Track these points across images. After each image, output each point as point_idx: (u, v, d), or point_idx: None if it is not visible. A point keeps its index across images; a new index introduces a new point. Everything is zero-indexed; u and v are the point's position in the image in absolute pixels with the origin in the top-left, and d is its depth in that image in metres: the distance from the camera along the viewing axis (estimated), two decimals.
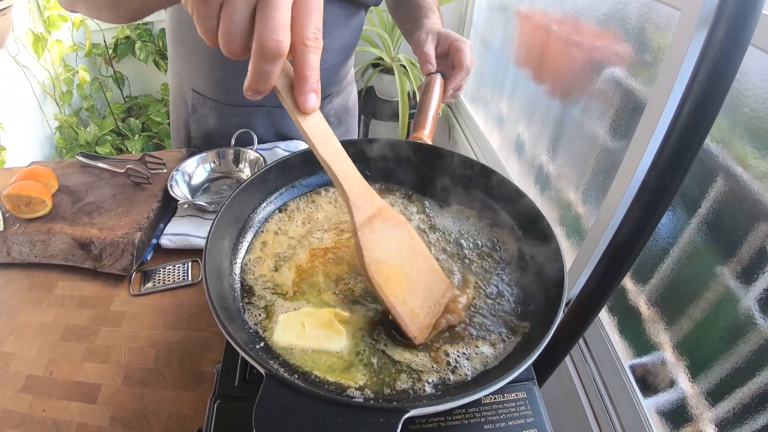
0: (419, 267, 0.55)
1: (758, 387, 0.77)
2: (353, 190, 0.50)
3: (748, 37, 0.46)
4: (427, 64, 0.90)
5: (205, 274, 0.52)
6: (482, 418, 0.51)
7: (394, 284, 0.52)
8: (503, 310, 0.59)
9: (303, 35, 0.40)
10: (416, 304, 0.53)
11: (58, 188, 0.95)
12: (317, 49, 0.41)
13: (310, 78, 0.42)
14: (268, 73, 0.39)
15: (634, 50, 1.09)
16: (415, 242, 0.56)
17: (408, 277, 0.54)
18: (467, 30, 2.41)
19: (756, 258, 0.79)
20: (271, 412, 0.39)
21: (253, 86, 0.40)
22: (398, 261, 0.53)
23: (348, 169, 0.49)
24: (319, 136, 0.46)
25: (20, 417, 0.65)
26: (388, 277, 0.51)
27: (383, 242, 0.52)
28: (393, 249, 0.53)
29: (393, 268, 0.52)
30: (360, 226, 0.50)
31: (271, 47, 0.38)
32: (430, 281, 0.56)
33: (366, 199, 0.51)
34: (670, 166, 0.53)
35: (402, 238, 0.54)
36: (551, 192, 1.53)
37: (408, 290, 0.53)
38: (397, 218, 0.54)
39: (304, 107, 0.43)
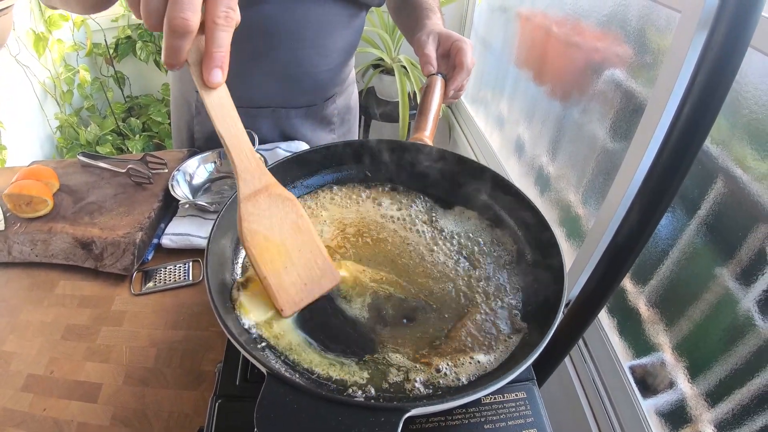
0: (301, 245, 0.57)
1: (757, 388, 0.77)
2: (242, 164, 0.52)
3: (747, 39, 0.47)
4: (428, 65, 0.90)
5: (206, 274, 0.52)
6: (482, 418, 0.51)
7: (269, 256, 0.54)
8: (503, 310, 0.59)
9: (213, 14, 0.43)
10: (290, 280, 0.56)
11: (59, 188, 0.95)
12: (227, 27, 0.44)
13: (216, 54, 0.45)
14: (178, 48, 0.42)
15: (634, 52, 1.09)
16: (302, 221, 0.58)
17: (287, 252, 0.56)
18: (468, 31, 2.41)
19: (755, 259, 0.79)
20: (273, 411, 0.39)
21: (166, 59, 0.43)
22: (279, 236, 0.56)
23: (242, 144, 0.52)
24: (220, 110, 0.50)
25: (21, 416, 0.65)
26: (264, 249, 0.54)
27: (266, 216, 0.55)
28: (275, 224, 0.55)
29: (271, 242, 0.55)
30: (243, 198, 0.53)
31: (178, 24, 0.40)
32: (311, 261, 0.58)
33: (253, 174, 0.53)
34: (669, 167, 0.53)
35: (287, 215, 0.56)
36: (551, 193, 1.53)
37: (284, 265, 0.55)
38: (285, 196, 0.56)
39: (209, 82, 0.47)
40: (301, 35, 0.98)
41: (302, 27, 0.97)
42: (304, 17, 0.96)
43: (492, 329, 0.57)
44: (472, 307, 0.59)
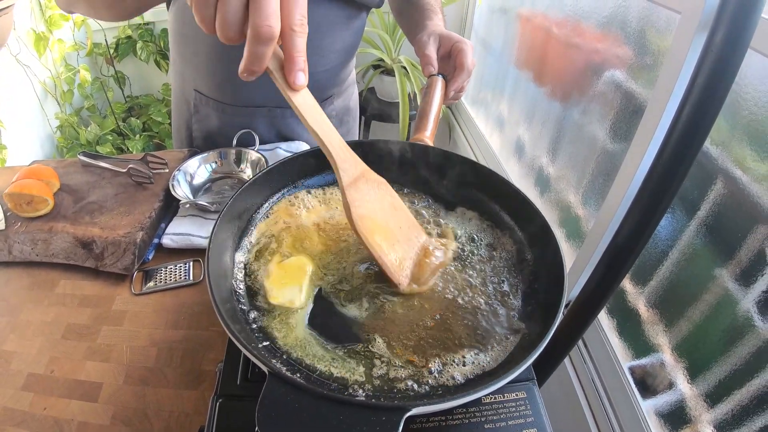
0: (400, 222, 0.62)
1: (757, 389, 0.78)
2: (339, 156, 0.56)
3: (747, 41, 0.47)
4: (429, 66, 0.90)
5: (207, 274, 0.52)
6: (482, 418, 0.51)
7: (379, 237, 0.58)
8: (503, 310, 0.59)
9: (291, 21, 0.46)
10: (400, 255, 0.60)
11: (59, 187, 0.95)
12: (303, 34, 0.48)
13: (298, 59, 0.49)
14: (262, 54, 0.45)
15: (634, 53, 1.10)
16: (396, 201, 0.62)
17: (391, 231, 0.60)
18: (468, 32, 2.42)
19: (755, 260, 0.79)
20: (274, 411, 0.40)
21: (248, 67, 0.45)
22: (382, 217, 0.59)
23: (334, 137, 0.56)
24: (309, 110, 0.53)
25: (21, 415, 0.65)
26: (373, 231, 0.57)
27: (368, 200, 0.58)
28: (377, 206, 0.59)
29: (377, 223, 0.58)
30: (347, 187, 0.56)
31: (264, 32, 0.43)
32: (412, 235, 0.63)
33: (351, 163, 0.57)
34: (669, 168, 0.53)
35: (384, 197, 0.61)
36: (551, 194, 1.54)
37: (391, 242, 0.59)
38: (379, 180, 0.61)
39: (294, 84, 0.50)
40: None
41: None
42: None
43: (492, 329, 0.57)
44: (472, 306, 0.59)
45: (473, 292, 0.61)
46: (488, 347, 0.55)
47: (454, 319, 0.58)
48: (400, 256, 0.60)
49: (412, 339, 0.55)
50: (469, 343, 0.55)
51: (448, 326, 0.57)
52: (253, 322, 0.55)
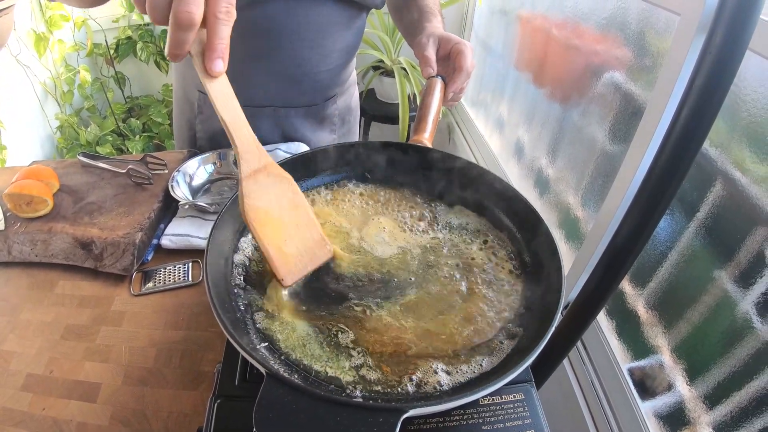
0: (298, 221, 0.62)
1: (755, 390, 0.77)
2: (243, 145, 0.56)
3: (746, 42, 0.47)
4: (428, 68, 0.90)
5: (206, 275, 0.53)
6: (480, 419, 0.51)
7: (270, 230, 0.59)
8: (501, 311, 0.59)
9: (215, 9, 0.46)
10: (290, 252, 0.60)
11: (59, 188, 0.95)
12: (227, 22, 0.48)
13: (218, 46, 0.49)
14: (182, 40, 0.46)
15: (633, 55, 1.10)
16: (298, 199, 0.62)
17: (286, 227, 0.60)
18: (468, 33, 2.42)
19: (754, 262, 0.79)
20: (272, 412, 0.40)
21: (170, 50, 0.47)
22: (278, 212, 0.60)
23: (242, 127, 0.57)
24: (222, 97, 0.54)
25: (20, 415, 0.65)
26: (264, 224, 0.58)
27: (265, 193, 0.59)
28: (274, 201, 0.60)
29: (272, 217, 0.59)
30: (245, 177, 0.57)
31: (183, 18, 0.44)
32: (308, 236, 0.62)
33: (253, 155, 0.58)
34: (668, 170, 0.53)
35: (284, 193, 0.61)
36: (550, 195, 1.54)
37: (284, 239, 0.60)
38: (282, 175, 0.60)
39: (211, 71, 0.51)
40: (302, 36, 0.98)
41: (303, 28, 0.97)
42: (304, 18, 0.96)
43: (490, 330, 0.57)
44: (470, 307, 0.59)
45: (471, 293, 0.61)
46: (485, 348, 0.55)
47: (453, 320, 0.57)
48: (291, 252, 0.60)
49: (408, 339, 0.56)
50: (467, 344, 0.55)
51: (447, 327, 0.57)
52: (251, 323, 0.55)
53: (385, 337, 0.55)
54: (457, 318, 0.58)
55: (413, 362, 0.53)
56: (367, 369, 0.51)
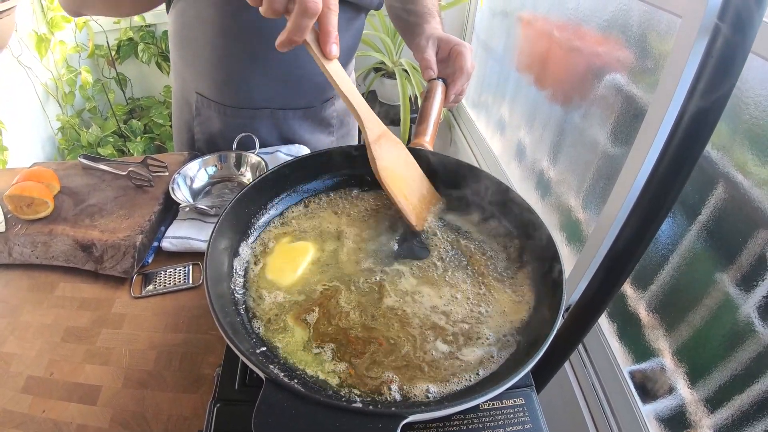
0: (414, 176, 0.73)
1: (757, 394, 0.77)
2: (365, 116, 0.66)
3: (748, 45, 0.47)
4: (429, 70, 0.90)
5: (206, 279, 0.52)
6: (480, 425, 0.51)
7: (398, 185, 0.68)
8: (502, 314, 0.59)
9: (328, 1, 0.54)
10: (414, 202, 0.71)
11: (59, 190, 0.95)
12: (336, 12, 0.56)
13: (332, 33, 0.57)
14: (305, 26, 0.53)
15: (635, 57, 1.09)
16: (410, 159, 0.73)
17: (407, 182, 0.71)
18: (469, 35, 2.42)
19: (755, 265, 0.79)
20: (271, 417, 0.39)
21: (291, 37, 0.54)
22: (400, 170, 0.70)
23: (361, 101, 0.66)
24: (340, 78, 0.62)
25: (20, 417, 0.65)
26: (394, 180, 0.68)
27: (388, 155, 0.68)
28: (395, 161, 0.70)
29: (397, 174, 0.69)
30: (372, 142, 0.66)
31: (311, 7, 0.51)
32: (423, 187, 0.74)
33: (374, 123, 0.67)
34: (670, 173, 0.53)
35: (400, 154, 0.72)
36: (552, 198, 1.53)
37: (408, 190, 0.70)
38: (396, 140, 0.71)
39: (329, 54, 0.59)
40: None
41: None
42: None
43: (490, 335, 0.57)
44: (471, 310, 0.59)
45: (472, 295, 0.61)
46: (486, 353, 0.54)
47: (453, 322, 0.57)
48: (414, 203, 0.70)
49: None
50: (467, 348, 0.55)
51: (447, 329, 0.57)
52: (250, 327, 0.55)
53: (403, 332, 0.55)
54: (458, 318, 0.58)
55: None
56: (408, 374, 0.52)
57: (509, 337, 0.57)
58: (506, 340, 0.56)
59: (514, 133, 1.90)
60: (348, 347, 0.54)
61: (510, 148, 1.94)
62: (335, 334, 0.55)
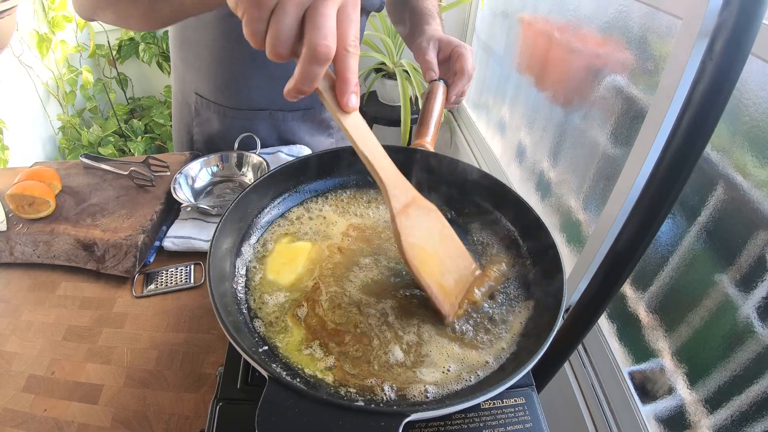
0: (450, 252, 0.59)
1: (756, 394, 0.77)
2: (390, 181, 0.54)
3: (748, 47, 0.47)
4: (430, 72, 0.91)
5: (209, 278, 0.53)
6: (481, 423, 0.51)
7: (428, 267, 0.56)
8: (503, 314, 0.59)
9: (345, 42, 0.44)
10: (449, 285, 0.58)
11: (61, 189, 0.96)
12: (356, 55, 0.45)
13: (351, 80, 0.46)
14: (315, 74, 0.43)
15: (635, 58, 1.10)
16: (446, 228, 0.60)
17: (441, 260, 0.58)
18: (470, 36, 2.42)
19: (755, 266, 0.79)
20: (274, 415, 0.40)
21: (298, 86, 0.43)
22: (432, 246, 0.57)
23: (385, 162, 0.53)
24: (359, 133, 0.51)
25: (22, 416, 0.65)
26: (423, 260, 0.55)
27: (418, 228, 0.56)
28: (426, 234, 0.57)
29: (428, 252, 0.56)
30: (397, 213, 0.54)
31: (321, 51, 0.41)
32: (461, 265, 0.60)
33: (401, 189, 0.55)
34: (670, 174, 0.53)
35: (434, 224, 0.58)
36: (552, 198, 1.54)
37: (441, 272, 0.57)
38: (429, 207, 0.58)
39: (346, 107, 0.48)
40: None
41: None
42: None
43: (491, 334, 0.57)
44: (470, 311, 0.59)
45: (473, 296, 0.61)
46: (487, 353, 0.55)
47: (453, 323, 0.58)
48: (450, 286, 0.58)
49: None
50: (468, 348, 0.55)
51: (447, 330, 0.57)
52: (253, 326, 0.56)
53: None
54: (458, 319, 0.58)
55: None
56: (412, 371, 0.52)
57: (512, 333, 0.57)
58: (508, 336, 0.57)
59: (514, 134, 1.90)
60: (334, 338, 0.55)
61: (510, 149, 1.94)
62: (321, 327, 0.56)
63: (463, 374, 0.52)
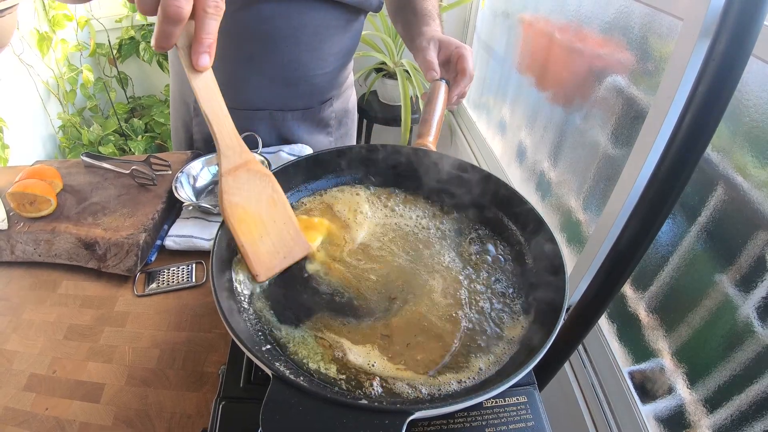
0: (276, 217, 0.62)
1: (756, 394, 0.78)
2: (225, 141, 0.57)
3: (749, 48, 0.47)
4: (431, 71, 0.91)
5: (212, 277, 0.53)
6: (484, 422, 0.51)
7: (247, 226, 0.59)
8: (505, 314, 0.59)
9: (204, 4, 0.47)
10: (265, 248, 0.61)
11: (62, 188, 0.96)
12: (216, 16, 0.48)
13: (205, 40, 0.49)
14: (169, 33, 0.46)
15: (636, 59, 1.10)
16: (278, 196, 0.62)
17: (263, 223, 0.61)
18: (470, 36, 2.42)
19: (755, 266, 0.79)
20: (278, 413, 0.40)
21: (157, 42, 0.47)
22: (256, 209, 0.60)
23: (225, 123, 0.56)
24: (206, 92, 0.53)
25: (23, 415, 0.65)
26: (242, 220, 0.59)
27: (245, 190, 0.59)
28: (253, 197, 0.60)
29: (249, 214, 0.59)
30: (225, 173, 0.57)
31: (171, 11, 0.44)
32: (285, 232, 0.63)
33: (235, 151, 0.58)
34: (670, 174, 0.53)
35: (264, 189, 0.61)
36: (552, 198, 1.54)
37: (260, 234, 0.60)
38: (263, 172, 0.61)
39: (197, 65, 0.50)
40: (298, 39, 0.98)
41: (299, 31, 0.97)
42: (300, 21, 0.96)
43: (493, 334, 0.57)
44: (472, 310, 0.59)
45: (473, 296, 0.61)
46: (489, 352, 0.55)
47: (455, 323, 0.58)
48: (265, 249, 0.61)
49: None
50: (470, 347, 0.55)
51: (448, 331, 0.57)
52: (256, 325, 0.56)
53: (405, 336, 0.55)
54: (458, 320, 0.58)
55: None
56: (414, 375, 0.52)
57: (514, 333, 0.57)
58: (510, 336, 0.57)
59: (515, 134, 1.90)
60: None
61: (511, 149, 1.95)
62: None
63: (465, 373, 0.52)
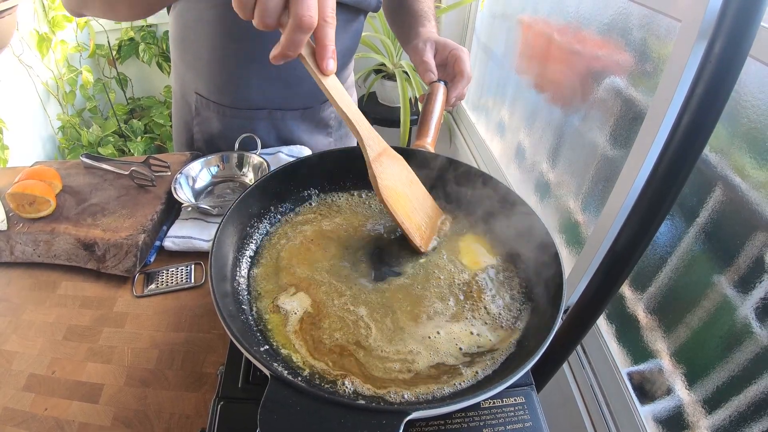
0: (417, 194, 0.70)
1: (754, 395, 0.78)
2: (365, 133, 0.62)
3: (746, 49, 0.47)
4: (429, 73, 0.91)
5: (211, 278, 0.53)
6: (481, 422, 0.51)
7: (401, 205, 0.65)
8: (502, 314, 0.60)
9: (324, 13, 0.50)
10: (418, 221, 0.68)
11: (61, 188, 0.96)
12: (333, 25, 0.52)
13: (329, 47, 0.53)
14: (299, 42, 0.50)
15: (634, 60, 1.10)
16: (412, 176, 0.70)
17: (410, 200, 0.67)
18: (469, 37, 2.42)
19: (753, 267, 0.80)
20: (276, 413, 0.40)
21: (284, 52, 0.51)
22: (402, 188, 0.67)
23: (360, 117, 0.61)
24: (336, 92, 0.58)
25: (22, 415, 0.65)
26: (396, 200, 0.65)
27: (390, 173, 0.65)
28: (397, 179, 0.66)
29: (399, 193, 0.66)
30: (372, 161, 0.62)
31: (306, 21, 0.48)
32: (426, 205, 0.71)
33: (374, 140, 0.63)
34: (668, 175, 0.53)
35: (402, 171, 0.68)
36: (551, 199, 1.54)
37: (411, 210, 0.67)
38: (397, 156, 0.68)
39: (325, 70, 0.55)
40: None
41: None
42: None
43: (491, 334, 0.57)
44: (471, 310, 0.60)
45: (472, 296, 0.61)
46: (486, 352, 0.55)
47: (453, 323, 0.58)
48: (417, 222, 0.67)
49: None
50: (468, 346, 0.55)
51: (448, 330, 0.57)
52: (255, 325, 0.56)
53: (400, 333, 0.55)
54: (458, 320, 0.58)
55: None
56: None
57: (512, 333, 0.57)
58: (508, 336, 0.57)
59: (513, 136, 1.90)
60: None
61: (510, 151, 1.95)
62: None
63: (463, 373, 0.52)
